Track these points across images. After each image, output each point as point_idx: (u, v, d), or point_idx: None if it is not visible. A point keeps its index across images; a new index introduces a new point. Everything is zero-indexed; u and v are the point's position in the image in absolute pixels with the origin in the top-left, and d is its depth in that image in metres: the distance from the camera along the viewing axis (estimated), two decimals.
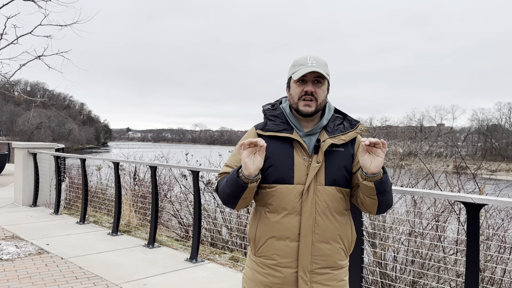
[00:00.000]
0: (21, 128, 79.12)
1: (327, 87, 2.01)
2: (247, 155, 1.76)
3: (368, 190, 1.83)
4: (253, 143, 1.74)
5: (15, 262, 5.19)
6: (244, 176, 1.80)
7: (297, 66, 1.96)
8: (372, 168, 1.76)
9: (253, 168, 1.77)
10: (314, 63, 1.94)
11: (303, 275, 1.90)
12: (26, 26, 9.27)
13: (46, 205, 9.24)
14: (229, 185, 1.87)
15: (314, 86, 1.95)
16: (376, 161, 1.75)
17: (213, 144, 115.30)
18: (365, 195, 1.86)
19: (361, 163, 1.79)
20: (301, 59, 1.98)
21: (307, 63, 1.94)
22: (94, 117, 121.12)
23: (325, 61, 2.00)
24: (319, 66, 1.94)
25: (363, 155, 1.77)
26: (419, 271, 5.28)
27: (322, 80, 1.96)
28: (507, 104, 76.21)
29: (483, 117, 78.48)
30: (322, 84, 1.97)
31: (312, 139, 1.97)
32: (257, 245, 1.98)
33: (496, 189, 7.09)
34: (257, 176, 1.81)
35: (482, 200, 3.08)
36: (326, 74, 1.94)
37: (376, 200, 1.86)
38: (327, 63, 2.01)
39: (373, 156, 1.75)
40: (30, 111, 72.37)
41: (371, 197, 1.85)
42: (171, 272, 4.97)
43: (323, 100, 1.98)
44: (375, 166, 1.75)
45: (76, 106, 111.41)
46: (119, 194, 6.90)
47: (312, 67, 1.91)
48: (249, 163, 1.76)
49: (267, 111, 2.07)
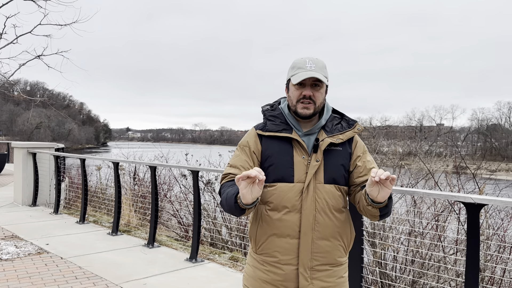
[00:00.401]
0: (21, 128, 79.08)
1: (325, 89, 2.04)
2: (245, 186, 1.68)
3: (371, 212, 1.87)
4: (251, 177, 1.65)
5: (14, 262, 5.19)
6: (242, 204, 1.77)
7: (296, 69, 1.98)
8: (379, 198, 1.77)
9: (250, 198, 1.71)
10: (313, 67, 1.95)
11: (304, 272, 1.94)
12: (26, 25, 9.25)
13: (45, 204, 9.24)
14: (228, 206, 1.85)
15: (313, 89, 1.97)
16: (384, 192, 1.74)
17: (213, 144, 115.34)
18: (366, 212, 1.90)
19: (369, 192, 1.78)
20: (300, 61, 1.99)
21: (306, 66, 1.95)
22: (94, 117, 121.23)
23: (324, 63, 2.01)
24: (318, 69, 1.96)
25: (372, 186, 1.75)
26: (419, 270, 5.28)
27: (321, 84, 1.99)
28: (507, 103, 76.17)
29: (483, 117, 78.59)
30: (320, 88, 1.99)
31: (311, 139, 2.01)
32: (258, 243, 2.01)
33: (496, 189, 7.08)
34: (255, 202, 1.76)
35: (482, 200, 3.08)
36: (325, 78, 1.96)
37: (377, 217, 1.90)
38: (325, 65, 2.02)
39: (381, 187, 1.74)
40: (29, 110, 72.28)
41: (373, 215, 1.89)
42: (170, 272, 4.97)
43: (321, 102, 2.02)
44: (382, 197, 1.76)
45: (75, 106, 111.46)
46: (119, 194, 6.89)
47: (311, 72, 1.93)
48: (247, 194, 1.69)
49: (266, 112, 2.10)
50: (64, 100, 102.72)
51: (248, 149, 2.04)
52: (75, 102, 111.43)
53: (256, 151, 2.02)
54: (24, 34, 7.90)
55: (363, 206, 1.90)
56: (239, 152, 2.06)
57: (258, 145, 2.03)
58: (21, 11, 7.56)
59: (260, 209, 2.02)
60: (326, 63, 2.03)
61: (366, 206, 1.86)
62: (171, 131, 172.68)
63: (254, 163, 2.01)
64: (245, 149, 2.04)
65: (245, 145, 2.05)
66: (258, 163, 2.03)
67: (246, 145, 2.05)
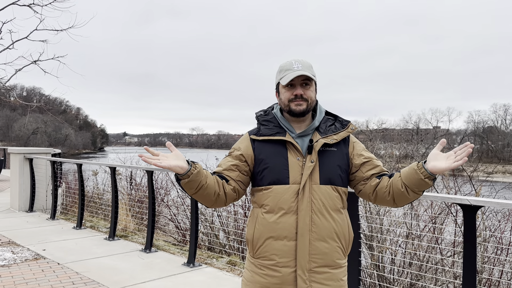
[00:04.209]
0: (17, 134, 78.85)
1: (315, 88, 2.08)
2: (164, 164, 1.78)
3: (422, 186, 1.86)
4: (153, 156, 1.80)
5: (11, 268, 5.16)
6: (177, 176, 1.85)
7: (284, 71, 2.03)
8: (443, 169, 1.80)
9: (174, 165, 1.79)
10: (300, 67, 1.99)
11: (302, 274, 1.93)
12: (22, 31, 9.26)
13: (42, 210, 9.20)
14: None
15: (303, 88, 2.01)
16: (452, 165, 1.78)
17: (210, 148, 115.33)
18: (413, 189, 1.89)
19: (436, 164, 1.81)
20: (286, 64, 2.04)
21: (293, 67, 2.00)
22: (91, 122, 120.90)
23: (309, 63, 2.06)
24: (305, 68, 2.00)
25: (440, 158, 1.81)
26: (416, 273, 5.28)
27: (310, 82, 2.03)
28: (503, 106, 76.52)
29: (479, 119, 78.94)
30: (310, 86, 2.04)
31: (305, 140, 2.03)
32: (255, 246, 2.01)
33: (492, 190, 7.11)
34: (187, 172, 1.82)
35: (479, 202, 3.09)
36: (313, 76, 2.01)
37: (419, 195, 1.92)
38: (311, 65, 2.07)
39: (452, 160, 1.78)
40: (26, 116, 72.15)
41: (419, 192, 1.90)
42: (168, 277, 4.96)
43: (313, 100, 2.05)
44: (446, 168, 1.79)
45: (72, 111, 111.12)
46: (116, 199, 6.88)
47: (299, 71, 1.97)
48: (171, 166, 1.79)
49: (259, 117, 2.14)
50: (61, 105, 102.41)
51: (236, 152, 2.07)
52: (71, 107, 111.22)
53: (246, 155, 2.04)
54: (20, 40, 7.90)
55: (408, 187, 1.89)
56: (228, 156, 2.10)
57: (250, 150, 2.05)
58: (17, 16, 7.57)
59: (256, 212, 2.03)
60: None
61: (423, 179, 1.84)
62: (168, 136, 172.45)
63: (239, 165, 2.03)
64: (234, 152, 2.08)
65: (236, 148, 2.09)
66: (247, 166, 2.04)
67: (237, 149, 2.08)
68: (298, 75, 1.96)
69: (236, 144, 2.12)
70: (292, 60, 2.03)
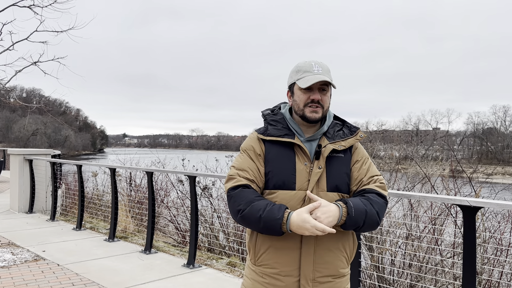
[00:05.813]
0: (17, 135, 78.82)
1: (331, 93, 1.98)
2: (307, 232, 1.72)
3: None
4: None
5: (11, 269, 5.16)
6: (286, 229, 1.76)
7: (302, 72, 1.92)
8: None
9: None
10: (320, 70, 1.91)
11: (306, 284, 1.86)
12: (22, 32, 9.26)
13: (42, 211, 9.20)
14: (264, 224, 1.78)
15: (320, 93, 1.92)
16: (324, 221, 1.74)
17: (210, 150, 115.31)
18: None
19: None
20: (305, 64, 1.94)
21: (313, 70, 1.90)
22: (91, 123, 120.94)
23: (328, 67, 1.96)
24: (325, 73, 1.92)
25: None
26: (416, 274, 5.28)
27: (327, 88, 1.94)
28: (502, 107, 76.91)
29: (479, 121, 79.07)
30: (327, 92, 1.94)
31: (313, 145, 1.94)
32: (257, 254, 1.93)
33: (492, 192, 7.11)
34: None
35: (478, 203, 3.10)
36: (332, 81, 1.91)
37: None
38: (330, 69, 1.98)
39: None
40: (26, 117, 72.15)
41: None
42: (168, 278, 4.96)
43: (328, 107, 1.97)
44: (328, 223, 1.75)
45: (72, 112, 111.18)
46: (116, 200, 6.88)
47: (319, 75, 1.88)
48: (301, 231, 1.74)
49: (267, 116, 2.03)
50: (61, 106, 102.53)
51: (253, 152, 1.95)
52: (71, 108, 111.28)
53: (261, 154, 1.94)
54: (20, 41, 7.91)
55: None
56: (245, 155, 1.96)
57: (262, 148, 1.95)
58: (17, 17, 7.59)
59: None
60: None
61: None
62: (168, 137, 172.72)
63: (260, 165, 1.93)
64: (250, 152, 1.96)
65: (250, 148, 1.97)
66: (262, 166, 1.93)
67: (251, 149, 1.96)
68: (319, 80, 1.86)
69: (247, 143, 1.99)
70: (312, 62, 1.93)
